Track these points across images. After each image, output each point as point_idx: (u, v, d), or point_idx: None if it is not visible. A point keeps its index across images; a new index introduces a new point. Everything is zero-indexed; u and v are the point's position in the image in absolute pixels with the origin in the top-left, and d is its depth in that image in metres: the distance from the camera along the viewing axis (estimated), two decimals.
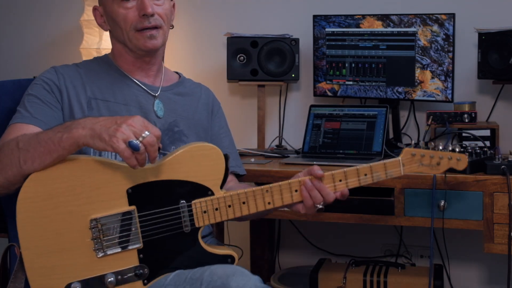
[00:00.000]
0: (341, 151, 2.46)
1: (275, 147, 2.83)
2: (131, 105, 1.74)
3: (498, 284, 2.72)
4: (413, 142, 1.79)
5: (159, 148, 1.47)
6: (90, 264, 1.51)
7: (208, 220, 1.58)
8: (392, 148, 2.54)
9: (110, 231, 1.51)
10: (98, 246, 1.50)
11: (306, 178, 1.63)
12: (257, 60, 2.73)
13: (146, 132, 1.43)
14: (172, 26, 1.83)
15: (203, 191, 1.57)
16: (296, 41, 2.72)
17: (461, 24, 2.56)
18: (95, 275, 1.51)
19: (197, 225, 1.57)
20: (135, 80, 1.79)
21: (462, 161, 1.73)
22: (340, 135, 2.50)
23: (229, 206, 1.59)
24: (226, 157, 1.59)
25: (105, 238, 1.51)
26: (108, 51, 1.88)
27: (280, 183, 1.62)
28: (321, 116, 2.57)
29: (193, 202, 1.57)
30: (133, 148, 1.40)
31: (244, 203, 1.60)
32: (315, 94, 2.78)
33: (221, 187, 1.60)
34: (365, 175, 1.64)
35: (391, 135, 2.69)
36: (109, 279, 1.51)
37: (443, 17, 2.50)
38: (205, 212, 1.57)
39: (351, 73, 2.68)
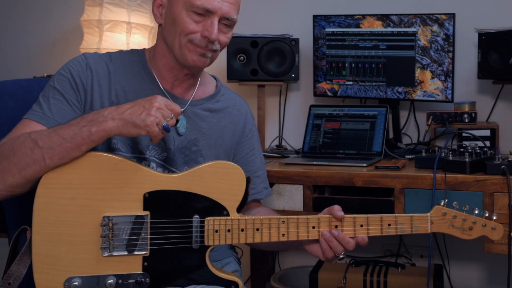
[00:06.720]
0: (341, 151, 2.46)
1: (275, 147, 2.83)
2: None
3: (498, 284, 2.72)
4: (446, 200, 1.60)
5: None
6: (95, 262, 1.50)
7: (219, 240, 1.54)
8: (392, 148, 2.54)
9: (120, 232, 1.50)
10: (106, 245, 1.50)
11: (324, 229, 1.56)
12: (257, 60, 2.73)
13: (172, 114, 1.49)
14: None
15: (219, 209, 1.54)
16: (296, 41, 2.72)
17: (461, 24, 2.56)
18: (97, 274, 1.50)
19: (206, 243, 1.54)
20: (163, 89, 1.71)
21: (497, 230, 1.61)
22: (340, 135, 2.50)
23: (242, 230, 1.55)
24: (248, 180, 1.55)
25: (114, 238, 1.50)
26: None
27: (298, 216, 1.57)
28: (321, 116, 2.56)
29: (206, 218, 1.54)
30: (165, 130, 1.48)
31: (258, 229, 1.55)
32: (315, 94, 2.77)
33: (239, 210, 1.56)
34: (389, 225, 1.57)
35: (391, 135, 2.70)
36: (109, 281, 1.50)
37: (443, 17, 2.50)
38: (216, 231, 1.54)
39: (351, 73, 2.68)
